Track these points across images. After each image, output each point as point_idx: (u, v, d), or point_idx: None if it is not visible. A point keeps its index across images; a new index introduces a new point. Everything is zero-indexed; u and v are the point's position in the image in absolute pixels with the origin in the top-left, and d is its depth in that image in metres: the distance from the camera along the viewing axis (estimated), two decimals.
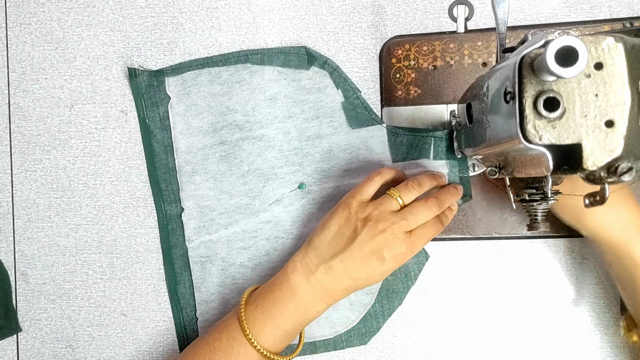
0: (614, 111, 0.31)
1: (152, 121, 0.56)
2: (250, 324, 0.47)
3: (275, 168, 0.55)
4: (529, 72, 0.31)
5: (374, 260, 0.45)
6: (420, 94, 0.55)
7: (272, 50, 0.55)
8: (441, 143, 0.52)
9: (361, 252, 0.45)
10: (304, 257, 0.48)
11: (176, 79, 0.56)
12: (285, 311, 0.46)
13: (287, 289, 0.47)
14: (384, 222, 0.45)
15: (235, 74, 0.55)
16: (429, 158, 0.53)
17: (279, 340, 0.47)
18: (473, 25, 0.54)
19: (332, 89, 0.55)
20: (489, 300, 0.54)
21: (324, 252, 0.47)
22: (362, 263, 0.46)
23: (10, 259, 0.59)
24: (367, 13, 0.56)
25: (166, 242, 0.56)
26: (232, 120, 0.55)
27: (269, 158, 0.55)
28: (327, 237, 0.47)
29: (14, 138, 0.59)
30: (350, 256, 0.46)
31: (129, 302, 0.58)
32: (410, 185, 0.48)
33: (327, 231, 0.47)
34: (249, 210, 0.55)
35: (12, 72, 0.59)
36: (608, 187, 0.32)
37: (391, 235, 0.45)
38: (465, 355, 0.54)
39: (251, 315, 0.47)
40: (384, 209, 0.46)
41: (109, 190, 0.58)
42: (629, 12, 0.52)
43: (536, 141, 0.31)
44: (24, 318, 0.59)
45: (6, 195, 0.59)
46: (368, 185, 0.48)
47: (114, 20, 0.58)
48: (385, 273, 0.47)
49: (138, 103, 0.57)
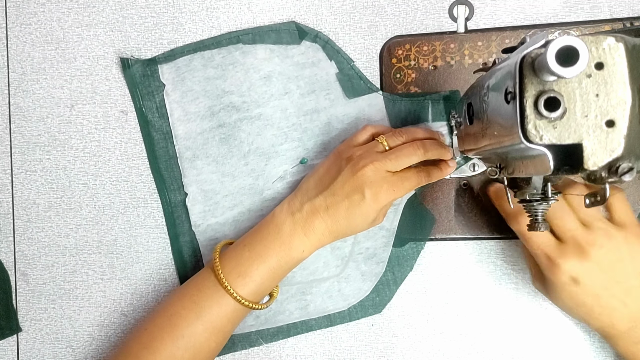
0: (614, 111, 0.31)
1: (149, 110, 0.57)
2: (227, 273, 0.47)
3: (276, 146, 0.55)
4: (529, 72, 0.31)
5: (355, 196, 0.46)
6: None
7: (262, 28, 0.55)
8: (438, 105, 0.53)
9: (342, 189, 0.46)
10: (291, 199, 0.49)
11: (169, 66, 0.56)
12: (270, 247, 0.47)
13: (273, 226, 0.48)
14: (366, 159, 0.46)
15: (228, 56, 0.55)
16: (427, 121, 0.53)
17: (257, 288, 0.48)
18: (473, 25, 0.54)
19: (326, 61, 0.55)
20: (489, 300, 0.54)
21: (309, 193, 0.48)
22: (343, 200, 0.46)
23: (10, 259, 0.59)
24: (367, 13, 0.56)
25: (173, 230, 0.56)
26: (229, 102, 0.55)
27: (268, 136, 0.55)
28: (314, 178, 0.49)
29: (14, 138, 0.59)
30: (332, 193, 0.47)
31: (129, 302, 0.58)
32: (398, 132, 0.49)
33: (315, 173, 0.49)
34: (253, 190, 0.55)
35: (12, 72, 0.59)
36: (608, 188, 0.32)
37: (372, 171, 0.45)
38: (465, 355, 0.54)
39: (233, 259, 0.48)
40: (369, 149, 0.47)
41: (109, 190, 0.58)
42: (630, 12, 0.52)
43: (537, 141, 0.31)
44: (24, 318, 0.59)
45: (6, 195, 0.59)
46: (359, 134, 0.50)
47: (114, 20, 0.58)
48: (367, 214, 0.46)
49: (134, 93, 0.57)
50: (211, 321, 0.47)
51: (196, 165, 0.56)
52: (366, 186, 0.45)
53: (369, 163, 0.45)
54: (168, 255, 0.57)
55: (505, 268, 0.54)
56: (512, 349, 0.53)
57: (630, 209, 0.46)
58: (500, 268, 0.54)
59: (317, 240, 0.48)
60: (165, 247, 0.57)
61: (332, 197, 0.47)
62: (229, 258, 0.48)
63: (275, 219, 0.48)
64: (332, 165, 0.48)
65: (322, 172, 0.49)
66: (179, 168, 0.56)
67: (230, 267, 0.47)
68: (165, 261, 0.57)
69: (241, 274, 0.47)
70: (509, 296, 0.53)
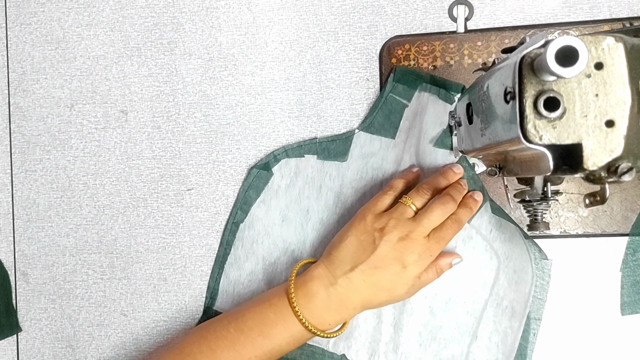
0: (614, 111, 0.31)
1: None
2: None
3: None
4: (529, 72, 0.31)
5: (395, 267, 0.46)
6: None
7: (239, 198, 0.56)
8: (396, 88, 0.53)
9: (382, 262, 0.46)
10: (323, 268, 0.48)
11: (220, 299, 0.56)
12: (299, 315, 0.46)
13: (303, 294, 0.47)
14: (401, 230, 0.46)
15: (245, 242, 0.56)
16: (407, 105, 0.54)
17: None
18: (473, 25, 0.54)
19: (301, 161, 0.55)
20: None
21: (343, 264, 0.47)
22: (382, 270, 0.46)
23: (10, 259, 0.59)
24: (367, 13, 0.56)
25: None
26: (285, 265, 0.55)
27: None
28: (345, 249, 0.47)
29: (14, 138, 0.59)
30: (370, 266, 0.46)
31: (129, 302, 0.58)
32: (421, 190, 0.48)
33: (345, 244, 0.47)
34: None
35: (12, 72, 0.59)
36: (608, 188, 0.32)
37: (410, 242, 0.46)
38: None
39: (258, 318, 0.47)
40: (399, 217, 0.47)
41: (109, 190, 0.58)
42: (629, 12, 0.52)
43: (536, 141, 0.31)
44: (24, 318, 0.59)
45: (6, 195, 0.59)
46: (382, 198, 0.49)
47: (114, 20, 0.58)
48: (407, 281, 0.46)
49: None
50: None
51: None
52: (406, 257, 0.46)
53: (405, 236, 0.46)
54: (168, 255, 0.57)
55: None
56: None
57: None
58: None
59: (348, 315, 0.47)
60: (165, 247, 0.57)
61: (371, 269, 0.46)
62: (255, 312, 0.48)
63: (306, 286, 0.47)
64: (363, 237, 0.47)
65: (353, 243, 0.47)
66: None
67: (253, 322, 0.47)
68: (165, 261, 0.57)
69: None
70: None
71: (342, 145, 0.55)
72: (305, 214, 0.55)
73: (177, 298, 0.57)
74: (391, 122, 0.54)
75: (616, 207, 0.51)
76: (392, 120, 0.54)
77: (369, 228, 0.47)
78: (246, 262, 0.56)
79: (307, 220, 0.55)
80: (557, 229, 0.52)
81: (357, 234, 0.47)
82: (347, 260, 0.47)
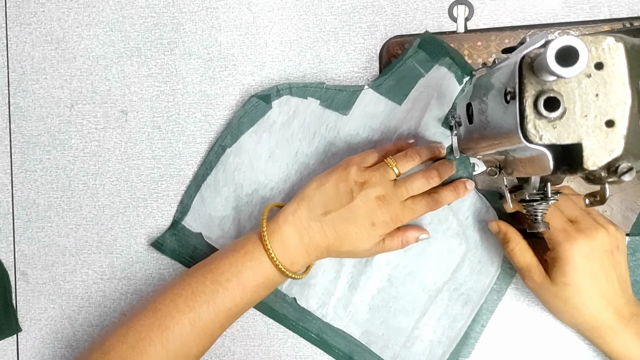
0: (614, 111, 0.31)
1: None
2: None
3: None
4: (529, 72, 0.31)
5: (365, 222, 0.47)
6: None
7: (232, 122, 0.55)
8: (418, 55, 0.53)
9: (353, 214, 0.47)
10: (295, 210, 0.48)
11: (190, 215, 0.56)
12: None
13: (279, 239, 0.47)
14: (380, 189, 0.47)
15: (227, 167, 0.55)
16: (423, 76, 0.53)
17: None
18: (473, 25, 0.54)
19: (302, 103, 0.54)
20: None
21: (317, 209, 0.48)
22: (352, 224, 0.47)
23: (10, 259, 0.59)
24: (367, 13, 0.56)
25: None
26: (260, 199, 0.55)
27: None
28: (322, 194, 0.48)
29: (14, 138, 0.59)
30: (342, 216, 0.47)
31: (129, 302, 0.58)
32: (408, 155, 0.49)
33: (323, 188, 0.48)
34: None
35: (12, 72, 0.59)
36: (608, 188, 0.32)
37: (386, 204, 0.47)
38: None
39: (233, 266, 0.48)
40: (381, 177, 0.48)
41: (109, 190, 0.58)
42: (629, 12, 0.52)
43: (536, 141, 0.31)
44: (24, 318, 0.59)
45: (6, 195, 0.59)
46: (369, 154, 0.50)
47: (114, 20, 0.58)
48: (371, 239, 0.48)
49: (183, 260, 0.56)
50: (204, 326, 0.46)
51: None
52: (377, 216, 0.47)
53: (382, 195, 0.47)
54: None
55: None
56: (512, 349, 0.53)
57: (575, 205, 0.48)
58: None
59: (316, 257, 0.49)
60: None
61: (342, 219, 0.47)
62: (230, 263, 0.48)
63: (280, 230, 0.47)
64: (342, 185, 0.48)
65: (330, 189, 0.48)
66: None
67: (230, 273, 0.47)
68: (165, 261, 0.57)
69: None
70: (508, 296, 0.53)
71: (348, 98, 0.54)
72: (294, 155, 0.55)
73: None
74: (402, 88, 0.53)
75: (616, 207, 0.51)
76: (403, 86, 0.53)
77: (350, 179, 0.48)
78: (224, 187, 0.55)
79: (294, 162, 0.55)
80: None
81: (337, 181, 0.48)
82: (321, 205, 0.48)
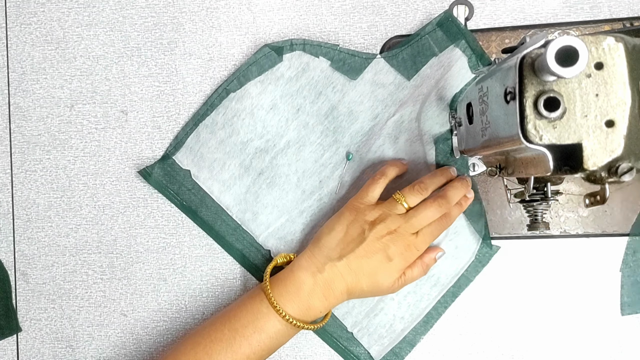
0: (614, 111, 0.31)
1: (189, 201, 0.56)
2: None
3: (318, 160, 0.55)
4: (529, 72, 0.31)
5: (380, 257, 0.47)
6: None
7: (241, 68, 0.55)
8: (436, 34, 0.53)
9: (368, 252, 0.47)
10: (310, 257, 0.49)
11: (182, 151, 0.56)
12: (289, 306, 0.47)
13: (292, 284, 0.48)
14: (390, 224, 0.47)
15: (228, 111, 0.55)
16: (436, 55, 0.53)
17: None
18: (473, 25, 0.54)
19: (314, 61, 0.54)
20: (489, 300, 0.54)
21: (330, 253, 0.48)
22: (367, 259, 0.47)
23: (10, 259, 0.59)
24: (367, 13, 0.56)
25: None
26: (254, 149, 0.55)
27: (307, 156, 0.55)
28: (334, 238, 0.48)
29: (14, 138, 0.59)
30: (356, 256, 0.47)
31: (129, 302, 0.58)
32: (415, 188, 0.49)
33: (334, 233, 0.49)
34: (323, 209, 0.55)
35: (12, 72, 0.59)
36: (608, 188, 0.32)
37: (398, 237, 0.47)
38: (465, 355, 0.54)
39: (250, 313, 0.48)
40: (389, 212, 0.48)
41: (109, 190, 0.58)
42: (629, 12, 0.52)
43: (537, 141, 0.31)
44: (24, 318, 0.59)
45: (6, 195, 0.59)
46: (373, 188, 0.50)
47: (114, 20, 0.58)
48: (392, 273, 0.48)
49: (167, 194, 0.56)
50: None
51: (261, 221, 0.56)
52: (391, 250, 0.47)
53: (393, 230, 0.47)
54: (168, 255, 0.57)
55: (505, 268, 0.54)
56: (512, 349, 0.53)
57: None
58: (500, 268, 0.54)
59: (335, 300, 0.48)
60: (165, 247, 0.57)
61: (356, 259, 0.47)
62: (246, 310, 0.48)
63: (294, 276, 0.48)
64: (352, 226, 0.48)
65: (341, 232, 0.48)
66: (248, 233, 0.56)
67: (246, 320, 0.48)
68: (165, 261, 0.58)
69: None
70: (508, 296, 0.53)
71: (359, 63, 0.54)
72: (295, 111, 0.55)
73: (177, 298, 0.57)
74: (414, 64, 0.53)
75: (616, 207, 0.51)
76: (416, 62, 0.53)
77: (359, 219, 0.48)
78: (220, 130, 0.55)
79: (294, 118, 0.55)
80: (557, 229, 0.52)
81: (347, 223, 0.48)
82: (335, 249, 0.48)
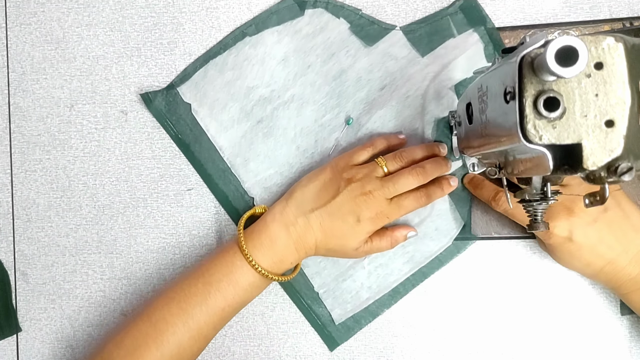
0: (614, 111, 0.31)
1: (185, 135, 0.56)
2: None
3: (318, 119, 0.55)
4: (529, 72, 0.31)
5: (350, 218, 0.47)
6: None
7: (262, 15, 0.55)
8: (456, 16, 0.53)
9: (339, 210, 0.47)
10: (284, 208, 0.49)
11: (187, 85, 0.56)
12: (262, 259, 0.48)
13: (266, 237, 0.48)
14: (367, 186, 0.47)
15: (240, 54, 0.55)
16: (454, 36, 0.53)
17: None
18: None
19: (334, 21, 0.54)
20: (489, 300, 0.54)
21: (304, 206, 0.48)
22: (338, 219, 0.47)
23: (10, 259, 0.59)
24: (367, 13, 0.55)
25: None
26: (258, 96, 0.55)
27: (308, 114, 0.55)
28: (309, 191, 0.49)
29: (14, 138, 0.59)
30: (328, 212, 0.47)
31: (129, 302, 0.58)
32: (398, 155, 0.49)
33: (311, 186, 0.49)
34: (314, 165, 0.55)
35: (12, 72, 0.59)
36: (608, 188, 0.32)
37: (371, 199, 0.47)
38: (465, 355, 0.54)
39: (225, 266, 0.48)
40: (368, 173, 0.48)
41: (109, 190, 0.58)
42: (629, 12, 0.52)
43: (536, 141, 0.31)
44: (24, 318, 0.59)
45: (6, 195, 0.59)
46: (359, 153, 0.50)
47: (114, 20, 0.58)
48: (358, 236, 0.48)
49: (165, 124, 0.57)
50: (198, 327, 0.47)
51: (251, 168, 0.56)
52: (363, 212, 0.47)
53: (369, 192, 0.47)
54: (168, 255, 0.57)
55: (505, 268, 0.54)
56: (512, 349, 0.53)
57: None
58: (500, 268, 0.54)
59: (305, 253, 0.49)
60: (165, 246, 0.57)
61: (329, 216, 0.47)
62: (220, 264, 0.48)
63: (267, 228, 0.48)
64: (330, 182, 0.49)
65: (318, 186, 0.49)
66: (235, 177, 0.56)
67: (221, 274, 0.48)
68: (165, 261, 0.58)
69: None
70: (508, 296, 0.53)
71: (378, 32, 0.54)
72: (305, 68, 0.55)
73: None
74: (430, 42, 0.54)
75: None
76: (432, 40, 0.54)
77: (337, 175, 0.48)
78: (229, 71, 0.55)
79: (303, 74, 0.55)
80: None
81: (325, 178, 0.49)
82: (308, 201, 0.48)
